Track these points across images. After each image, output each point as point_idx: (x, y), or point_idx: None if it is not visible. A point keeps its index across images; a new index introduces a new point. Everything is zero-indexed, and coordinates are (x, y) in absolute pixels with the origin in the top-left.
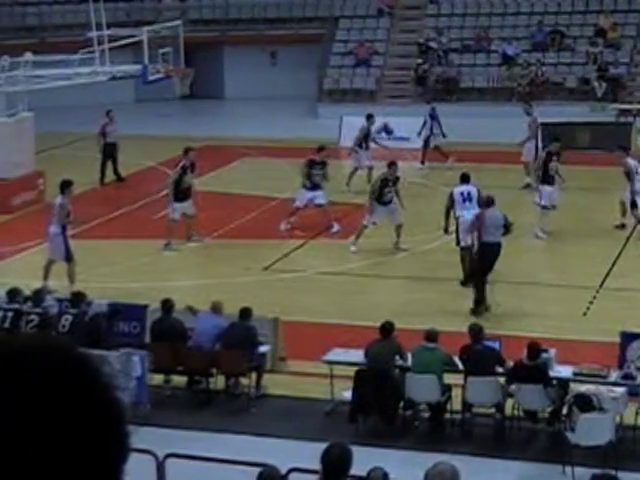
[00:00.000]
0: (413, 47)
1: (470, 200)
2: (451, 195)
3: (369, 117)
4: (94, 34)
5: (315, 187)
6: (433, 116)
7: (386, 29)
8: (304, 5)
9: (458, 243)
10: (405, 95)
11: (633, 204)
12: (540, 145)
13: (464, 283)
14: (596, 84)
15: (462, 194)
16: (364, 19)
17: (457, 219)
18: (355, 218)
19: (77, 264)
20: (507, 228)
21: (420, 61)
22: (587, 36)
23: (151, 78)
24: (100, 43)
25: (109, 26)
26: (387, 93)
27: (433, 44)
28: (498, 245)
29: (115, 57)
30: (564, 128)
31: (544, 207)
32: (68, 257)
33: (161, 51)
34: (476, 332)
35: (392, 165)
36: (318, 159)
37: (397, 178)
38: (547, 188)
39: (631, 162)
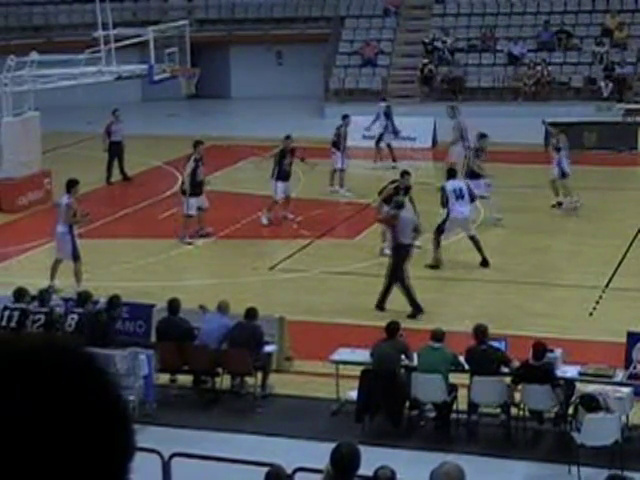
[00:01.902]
0: (419, 47)
1: (462, 197)
2: (444, 190)
3: (344, 117)
4: (100, 34)
5: (287, 177)
6: (388, 114)
7: (392, 29)
8: (310, 5)
9: (439, 233)
10: (411, 95)
11: (563, 175)
12: (469, 145)
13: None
14: (602, 84)
15: (455, 191)
16: (370, 19)
17: (448, 214)
18: (361, 218)
19: (84, 263)
20: (417, 230)
21: (426, 61)
22: (593, 36)
23: (157, 78)
24: (106, 43)
25: (115, 26)
26: (393, 93)
27: (439, 44)
28: (410, 247)
29: (121, 57)
30: (570, 128)
31: (482, 197)
32: (75, 256)
33: (167, 51)
34: (480, 333)
35: (405, 174)
36: (287, 148)
37: (409, 187)
38: (476, 181)
39: (564, 138)
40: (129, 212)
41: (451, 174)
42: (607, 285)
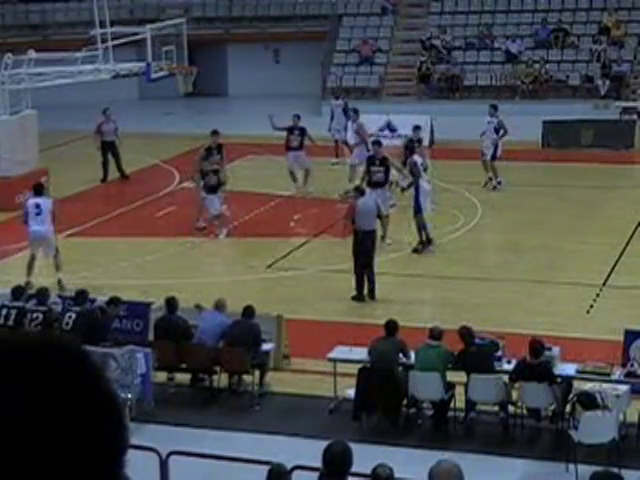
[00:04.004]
0: (417, 45)
1: (425, 170)
2: (416, 164)
3: (296, 117)
4: (97, 32)
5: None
6: (346, 111)
7: (389, 27)
8: (307, 3)
9: (417, 213)
10: (409, 93)
11: (494, 157)
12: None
13: (417, 250)
14: (600, 82)
15: (422, 164)
16: (367, 17)
17: (417, 189)
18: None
19: (81, 262)
20: (380, 217)
21: (423, 59)
22: (591, 34)
23: (154, 76)
24: (103, 41)
25: (112, 24)
26: (390, 91)
27: (436, 42)
28: (373, 232)
29: (118, 55)
30: (568, 126)
31: (403, 189)
32: (56, 249)
33: (164, 49)
34: (466, 334)
35: (376, 144)
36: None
37: (385, 158)
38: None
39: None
40: (126, 210)
41: (413, 151)
42: (605, 283)
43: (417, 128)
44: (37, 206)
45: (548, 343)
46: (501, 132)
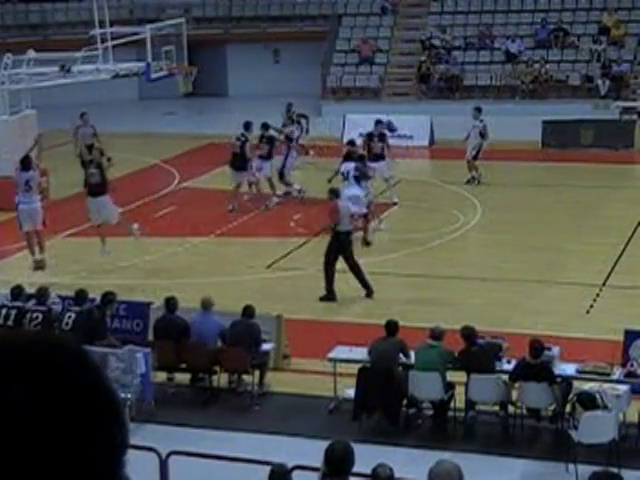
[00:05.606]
0: (416, 45)
1: (347, 179)
2: (343, 173)
3: (264, 126)
4: (97, 32)
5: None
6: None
7: (389, 27)
8: (307, 3)
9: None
10: (408, 93)
11: (475, 157)
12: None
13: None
14: (599, 82)
15: (342, 174)
16: (367, 17)
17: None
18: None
19: (80, 262)
20: (352, 216)
21: (423, 59)
22: (591, 34)
23: (154, 76)
24: (103, 41)
25: (112, 24)
26: (390, 91)
27: (436, 42)
28: (350, 233)
29: (118, 55)
30: (568, 126)
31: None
32: (44, 222)
33: (164, 49)
34: (468, 334)
35: (349, 144)
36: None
37: (362, 156)
38: (373, 164)
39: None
40: (125, 210)
41: (347, 157)
42: (605, 283)
43: (379, 122)
44: (26, 182)
45: (548, 343)
46: (486, 137)
